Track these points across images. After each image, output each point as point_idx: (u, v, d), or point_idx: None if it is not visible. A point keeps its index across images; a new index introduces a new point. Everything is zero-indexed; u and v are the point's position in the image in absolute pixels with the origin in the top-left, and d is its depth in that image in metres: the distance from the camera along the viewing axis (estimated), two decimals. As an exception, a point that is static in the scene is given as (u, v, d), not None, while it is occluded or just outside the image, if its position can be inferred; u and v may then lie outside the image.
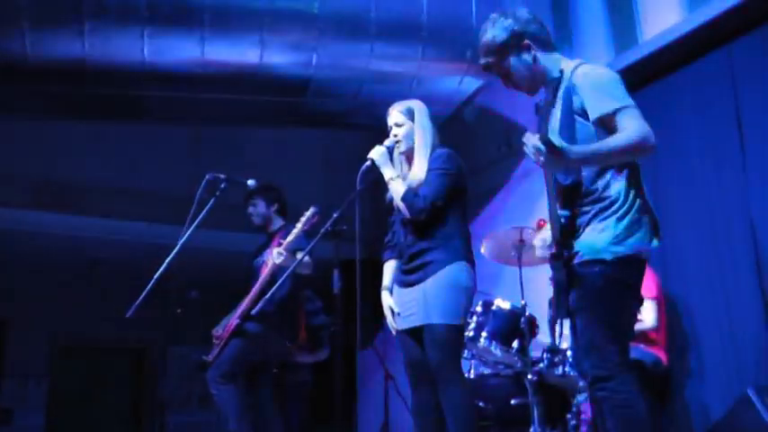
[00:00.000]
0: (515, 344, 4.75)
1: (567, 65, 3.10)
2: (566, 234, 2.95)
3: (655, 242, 2.96)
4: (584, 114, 2.94)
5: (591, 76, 2.99)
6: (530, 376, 4.63)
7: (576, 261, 2.93)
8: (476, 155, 6.64)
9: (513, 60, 3.10)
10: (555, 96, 3.09)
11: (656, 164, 5.38)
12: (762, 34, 4.91)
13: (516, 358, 4.78)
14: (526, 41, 3.08)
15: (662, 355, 4.90)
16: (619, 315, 2.91)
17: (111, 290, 6.58)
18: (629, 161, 2.95)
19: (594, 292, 2.89)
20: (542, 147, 2.67)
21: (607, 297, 2.88)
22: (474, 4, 5.95)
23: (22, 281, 8.49)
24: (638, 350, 4.80)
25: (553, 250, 2.95)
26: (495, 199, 6.76)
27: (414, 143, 3.90)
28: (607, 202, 2.94)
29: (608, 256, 2.87)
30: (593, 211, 2.95)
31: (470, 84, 6.29)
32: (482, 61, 3.16)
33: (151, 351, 9.88)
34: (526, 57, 3.09)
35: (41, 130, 6.83)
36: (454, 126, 6.51)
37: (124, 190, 7.38)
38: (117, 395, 9.82)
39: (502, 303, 4.87)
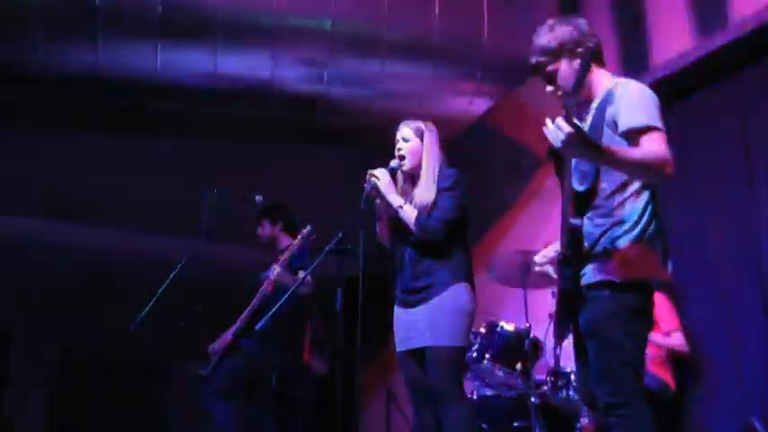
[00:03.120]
0: (518, 366, 4.74)
1: (610, 81, 3.07)
2: (575, 244, 2.90)
3: (666, 271, 2.94)
4: (613, 126, 2.90)
5: (632, 89, 2.95)
6: (533, 399, 4.61)
7: (584, 282, 2.91)
8: (484, 176, 6.64)
9: (564, 64, 3.05)
10: (590, 108, 3.07)
11: (664, 190, 5.37)
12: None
13: (519, 380, 4.77)
14: (580, 49, 3.03)
15: (670, 381, 4.90)
16: (631, 340, 2.86)
17: (115, 302, 6.58)
18: (645, 181, 2.91)
19: (605, 317, 2.86)
20: (565, 125, 2.61)
21: (618, 322, 2.84)
22: (485, 25, 5.97)
23: (26, 291, 8.49)
24: (646, 375, 4.80)
25: (561, 252, 2.91)
26: (503, 220, 6.75)
27: (419, 163, 3.91)
28: (619, 220, 2.90)
29: (617, 279, 2.84)
30: (603, 227, 2.91)
31: (479, 105, 6.31)
32: (532, 60, 3.09)
33: (154, 364, 9.86)
34: (577, 64, 3.02)
35: (51, 140, 6.84)
36: (463, 146, 6.52)
37: (132, 202, 7.38)
38: (119, 407, 9.79)
39: (506, 325, 4.87)
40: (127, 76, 5.54)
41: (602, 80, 3.07)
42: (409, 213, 3.80)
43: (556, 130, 2.63)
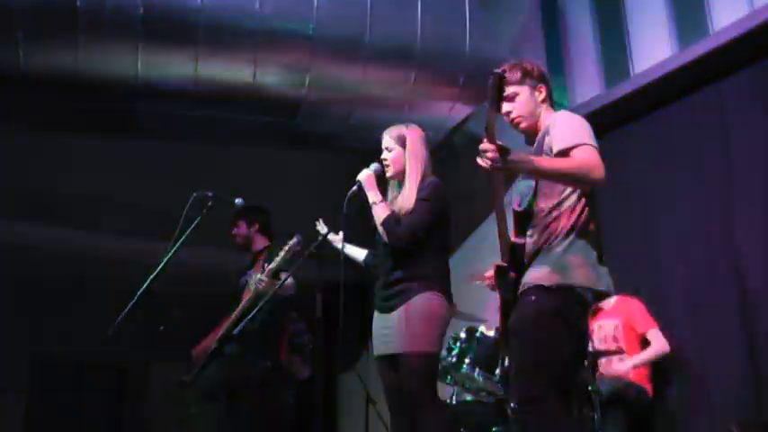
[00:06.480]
0: (498, 371, 4.74)
1: (552, 116, 3.26)
2: (515, 260, 3.10)
3: (603, 286, 3.06)
4: (551, 153, 3.07)
5: (563, 118, 3.18)
6: (512, 404, 4.60)
7: (519, 291, 3.10)
8: (465, 182, 6.63)
9: (527, 88, 3.27)
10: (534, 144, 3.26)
11: (645, 196, 5.41)
12: (749, 75, 4.97)
13: (499, 385, 4.77)
14: (541, 85, 3.29)
15: (647, 387, 4.92)
16: (549, 342, 2.98)
17: (94, 305, 6.51)
18: (578, 187, 3.07)
19: (526, 319, 3.03)
20: (488, 146, 2.79)
21: (539, 324, 3.00)
22: (467, 32, 5.98)
23: (3, 293, 8.40)
24: (623, 381, 4.83)
25: (498, 264, 3.13)
26: (483, 227, 6.75)
27: (403, 169, 3.92)
28: (553, 231, 3.07)
29: (543, 283, 3.01)
30: (540, 241, 3.10)
31: (461, 110, 6.31)
32: (505, 65, 3.22)
33: (133, 368, 9.79)
34: (538, 95, 3.28)
35: (29, 142, 6.78)
36: (444, 152, 6.52)
37: (111, 204, 7.33)
38: (98, 411, 9.70)
39: (486, 330, 4.87)
40: (108, 79, 5.49)
41: (547, 116, 3.28)
42: (379, 213, 3.83)
43: (482, 154, 2.81)
